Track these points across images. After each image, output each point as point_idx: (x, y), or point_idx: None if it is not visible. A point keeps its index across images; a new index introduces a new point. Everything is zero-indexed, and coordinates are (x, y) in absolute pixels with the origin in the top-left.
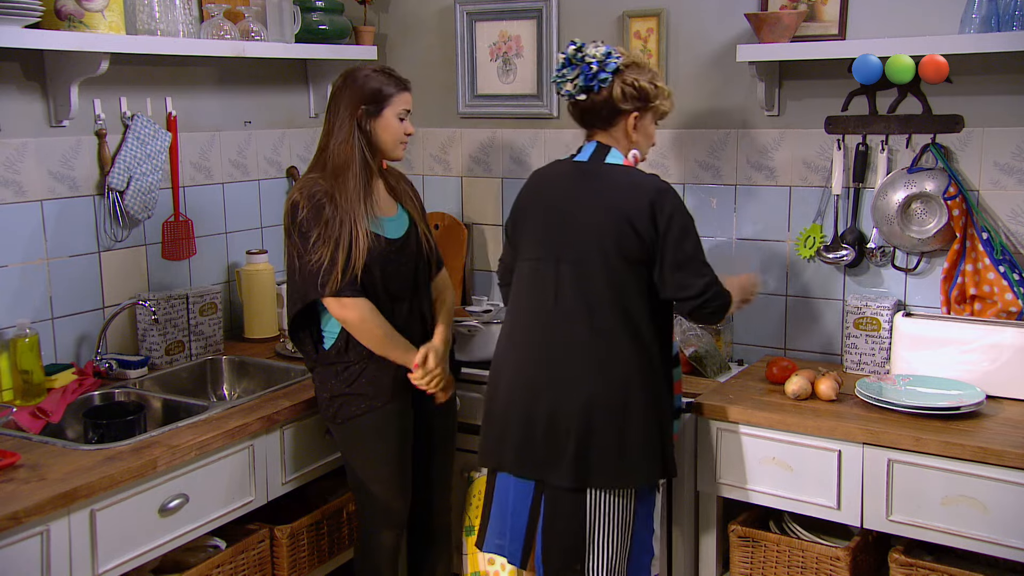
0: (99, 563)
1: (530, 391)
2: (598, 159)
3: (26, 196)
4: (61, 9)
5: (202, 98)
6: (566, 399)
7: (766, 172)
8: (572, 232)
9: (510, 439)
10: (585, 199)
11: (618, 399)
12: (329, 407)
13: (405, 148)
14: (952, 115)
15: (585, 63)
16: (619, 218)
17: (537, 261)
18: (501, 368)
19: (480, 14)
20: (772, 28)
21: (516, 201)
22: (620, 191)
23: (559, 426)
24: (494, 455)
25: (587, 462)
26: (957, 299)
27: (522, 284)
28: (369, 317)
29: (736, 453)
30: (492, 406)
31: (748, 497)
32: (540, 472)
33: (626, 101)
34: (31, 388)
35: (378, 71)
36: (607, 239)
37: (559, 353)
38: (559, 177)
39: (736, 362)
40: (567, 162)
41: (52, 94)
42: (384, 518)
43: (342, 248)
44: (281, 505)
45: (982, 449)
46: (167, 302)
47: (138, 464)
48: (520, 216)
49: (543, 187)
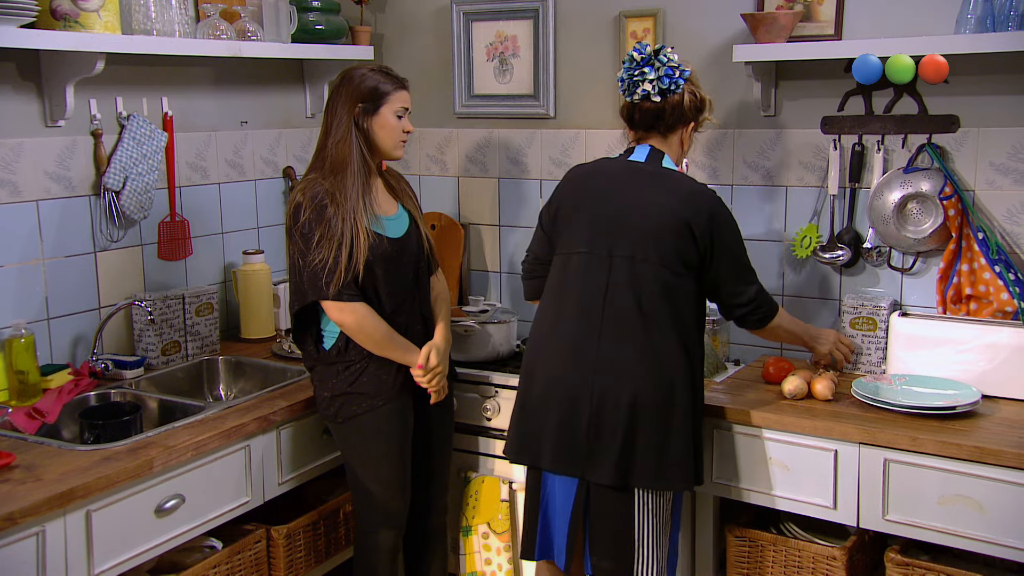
0: (95, 564)
1: (575, 385)
2: (655, 162)
3: (22, 196)
4: (57, 9)
5: (198, 98)
6: (613, 394)
7: (762, 172)
8: (628, 228)
9: (549, 434)
10: (643, 198)
11: (664, 399)
12: (329, 406)
13: (404, 147)
14: (948, 115)
15: (668, 65)
16: (679, 222)
17: (588, 254)
18: (537, 359)
19: (477, 14)
20: (768, 28)
21: (557, 194)
22: (681, 196)
23: (605, 421)
24: (527, 450)
25: (630, 460)
26: (953, 299)
27: (566, 275)
28: (366, 320)
29: (733, 453)
30: (527, 399)
31: (745, 497)
32: (580, 469)
33: (690, 110)
34: (27, 388)
35: (375, 70)
36: (665, 240)
37: (609, 346)
38: (612, 174)
39: (733, 362)
40: (620, 161)
41: (48, 94)
42: (383, 518)
43: (344, 248)
44: (278, 505)
45: (978, 449)
46: (163, 302)
47: (134, 464)
48: (565, 209)
49: (592, 182)
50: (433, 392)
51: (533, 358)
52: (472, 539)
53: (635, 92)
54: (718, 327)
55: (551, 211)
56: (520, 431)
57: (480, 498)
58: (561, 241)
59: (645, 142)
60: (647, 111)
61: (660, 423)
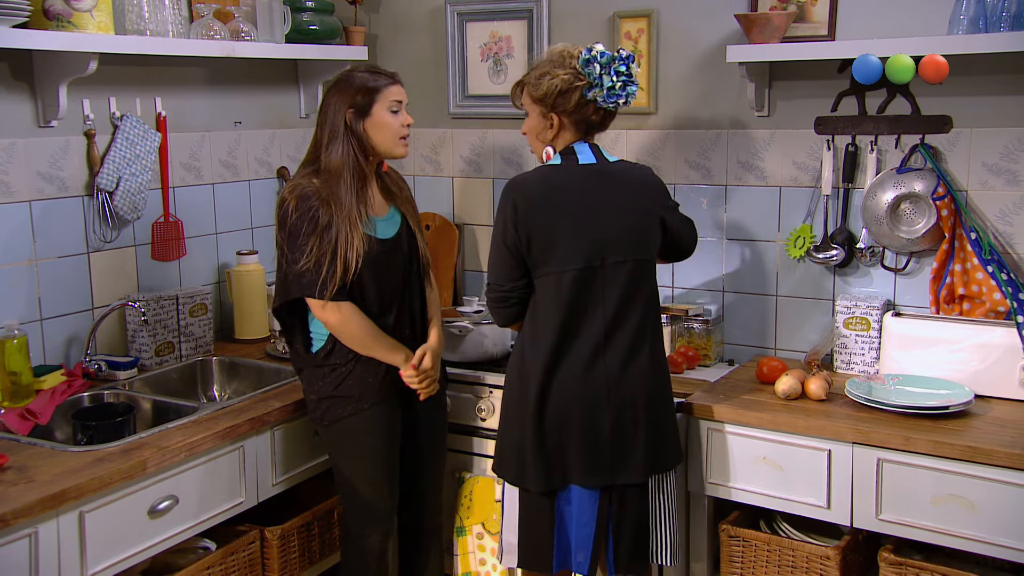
0: (88, 565)
1: (593, 399)
2: (603, 158)
3: (14, 197)
4: (49, 9)
5: (192, 98)
6: (630, 396)
7: (756, 172)
8: (615, 232)
9: (573, 452)
10: (618, 199)
11: (663, 385)
12: (316, 409)
13: (407, 143)
14: (941, 116)
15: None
16: (651, 212)
17: (583, 269)
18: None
19: (471, 14)
20: (762, 29)
21: (520, 217)
22: (642, 188)
23: (626, 425)
24: (557, 474)
25: (656, 451)
26: (946, 299)
27: (560, 293)
28: (351, 319)
29: (726, 453)
30: (542, 424)
31: (738, 497)
32: (610, 476)
33: None
34: (19, 389)
35: (363, 70)
36: (645, 235)
37: (618, 354)
38: (577, 184)
39: (727, 362)
40: (573, 167)
41: (40, 94)
42: (371, 519)
43: (332, 254)
44: (271, 506)
45: (971, 448)
46: (157, 303)
47: (127, 465)
48: (539, 230)
49: (559, 196)
50: (423, 392)
51: (544, 383)
52: (466, 539)
53: (628, 99)
54: (712, 327)
55: (520, 236)
56: (540, 457)
57: (474, 498)
58: (545, 261)
59: (586, 140)
60: (609, 115)
61: (666, 409)
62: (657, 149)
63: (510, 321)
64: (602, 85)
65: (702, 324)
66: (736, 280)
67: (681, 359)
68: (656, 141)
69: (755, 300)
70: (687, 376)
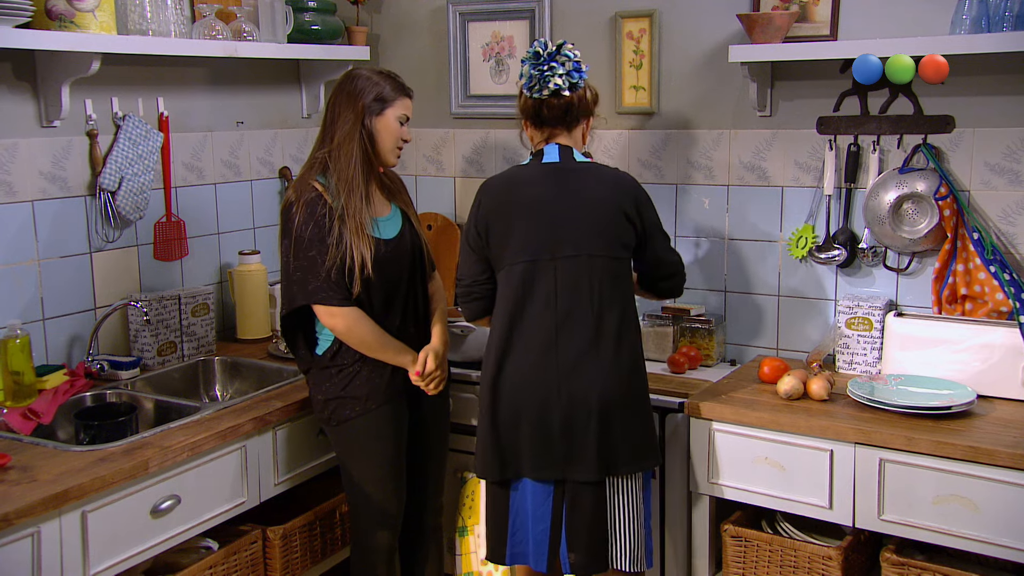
0: (90, 565)
1: (542, 392)
2: (569, 158)
3: (17, 197)
4: (52, 9)
5: (194, 98)
6: (582, 392)
7: (758, 172)
8: (570, 228)
9: (525, 444)
10: (577, 195)
11: (627, 385)
12: (324, 409)
13: (400, 156)
14: (943, 116)
15: (575, 60)
16: (616, 210)
17: (532, 262)
18: (501, 376)
19: (473, 14)
20: (764, 29)
21: (480, 212)
22: (610, 185)
23: (578, 420)
24: (510, 465)
25: (611, 450)
26: (948, 299)
27: (511, 289)
28: (358, 325)
29: (728, 453)
30: (496, 416)
31: (740, 497)
32: (561, 471)
33: (592, 103)
34: (22, 389)
35: (381, 73)
36: (608, 231)
37: (569, 349)
38: (535, 180)
39: (728, 362)
40: (536, 166)
41: (43, 94)
42: (379, 519)
43: (338, 258)
44: (274, 506)
45: (973, 448)
46: (159, 303)
47: (130, 465)
48: (495, 225)
49: (517, 192)
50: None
51: (493, 375)
52: (468, 539)
53: (546, 87)
54: (714, 327)
55: (479, 231)
56: (495, 448)
57: (476, 498)
58: (499, 257)
59: (552, 141)
60: (555, 107)
61: (628, 410)
62: (659, 149)
63: (476, 315)
64: (529, 77)
65: (704, 324)
66: (738, 280)
67: (683, 359)
68: (658, 141)
69: (757, 300)
70: (689, 376)
